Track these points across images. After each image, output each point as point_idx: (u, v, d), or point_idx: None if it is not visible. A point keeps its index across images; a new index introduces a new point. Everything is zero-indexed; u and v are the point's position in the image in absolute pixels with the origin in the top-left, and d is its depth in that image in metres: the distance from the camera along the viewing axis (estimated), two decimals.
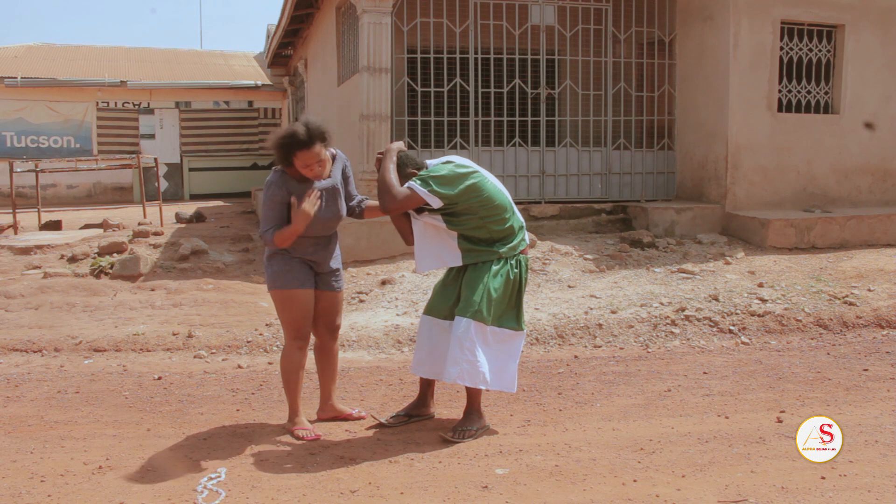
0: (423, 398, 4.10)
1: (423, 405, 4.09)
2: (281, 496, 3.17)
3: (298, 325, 3.88)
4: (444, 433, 3.79)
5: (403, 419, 4.02)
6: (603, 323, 5.81)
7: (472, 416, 3.86)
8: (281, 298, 3.87)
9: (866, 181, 9.01)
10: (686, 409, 4.25)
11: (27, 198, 14.39)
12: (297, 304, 3.85)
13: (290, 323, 3.89)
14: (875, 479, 3.29)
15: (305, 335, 3.91)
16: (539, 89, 8.80)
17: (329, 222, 3.86)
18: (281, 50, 15.71)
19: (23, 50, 19.50)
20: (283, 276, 3.82)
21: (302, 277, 3.84)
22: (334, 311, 4.03)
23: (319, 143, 3.67)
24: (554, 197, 8.87)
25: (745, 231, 8.13)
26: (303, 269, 3.85)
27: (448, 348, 3.79)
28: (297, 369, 3.90)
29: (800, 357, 5.28)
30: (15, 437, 3.87)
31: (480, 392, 3.89)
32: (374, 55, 7.92)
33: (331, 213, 3.84)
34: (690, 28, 8.98)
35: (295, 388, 3.92)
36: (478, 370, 3.72)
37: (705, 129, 8.80)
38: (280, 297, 3.87)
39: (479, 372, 3.72)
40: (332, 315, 4.02)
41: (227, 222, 10.64)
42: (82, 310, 6.40)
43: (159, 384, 4.81)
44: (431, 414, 4.11)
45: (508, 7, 8.60)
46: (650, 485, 3.25)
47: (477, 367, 3.71)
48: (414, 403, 4.10)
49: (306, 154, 3.64)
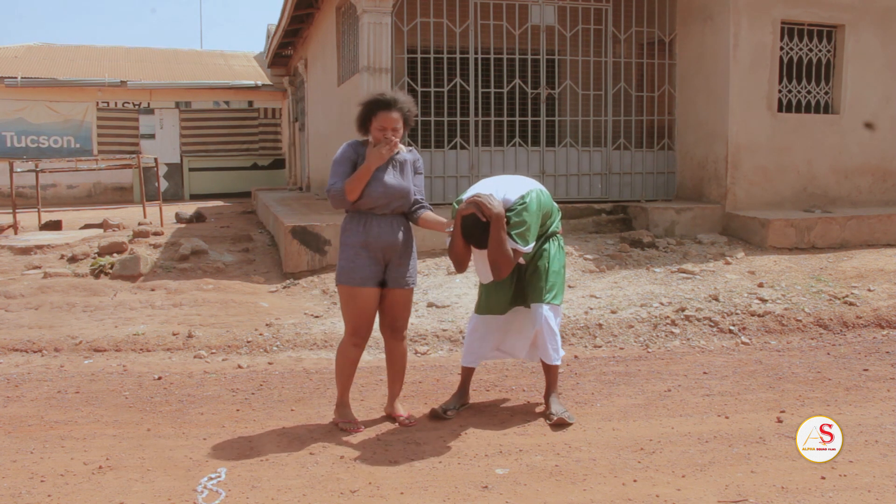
0: (465, 388, 4.30)
1: (467, 394, 4.30)
2: (281, 496, 3.17)
3: (356, 323, 3.87)
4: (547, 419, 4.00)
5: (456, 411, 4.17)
6: (603, 323, 5.81)
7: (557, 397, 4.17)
8: (343, 294, 3.88)
9: (866, 181, 9.01)
10: (686, 409, 4.25)
11: (27, 198, 14.40)
12: (359, 301, 3.83)
13: (348, 319, 3.89)
14: (875, 479, 3.28)
15: (362, 333, 3.90)
16: (539, 89, 8.81)
17: (392, 193, 3.80)
18: (281, 50, 15.72)
19: (23, 50, 19.51)
20: (348, 272, 3.81)
21: (366, 275, 3.81)
22: (398, 309, 3.96)
23: (398, 112, 3.77)
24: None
25: (745, 231, 8.13)
26: (369, 267, 3.81)
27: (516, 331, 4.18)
28: (348, 364, 3.96)
29: (800, 357, 5.27)
30: (15, 437, 3.87)
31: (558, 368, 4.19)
32: (374, 55, 7.91)
33: (397, 182, 3.82)
34: (690, 28, 8.98)
35: (342, 382, 3.98)
36: (559, 350, 4.10)
37: (705, 129, 8.80)
38: (342, 293, 3.89)
39: (560, 352, 4.11)
40: (395, 313, 3.96)
41: (228, 222, 10.65)
42: (82, 310, 6.40)
43: (159, 384, 4.81)
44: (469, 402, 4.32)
45: (508, 7, 8.60)
46: (650, 485, 3.25)
47: (559, 347, 4.10)
48: (459, 393, 4.27)
49: (385, 116, 3.74)
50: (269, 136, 18.40)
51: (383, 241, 3.82)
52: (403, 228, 3.91)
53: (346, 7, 9.60)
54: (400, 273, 3.90)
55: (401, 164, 3.90)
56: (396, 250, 3.86)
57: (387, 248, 3.83)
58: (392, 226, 3.85)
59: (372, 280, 3.83)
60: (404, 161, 3.93)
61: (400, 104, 3.79)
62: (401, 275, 3.91)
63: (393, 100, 3.78)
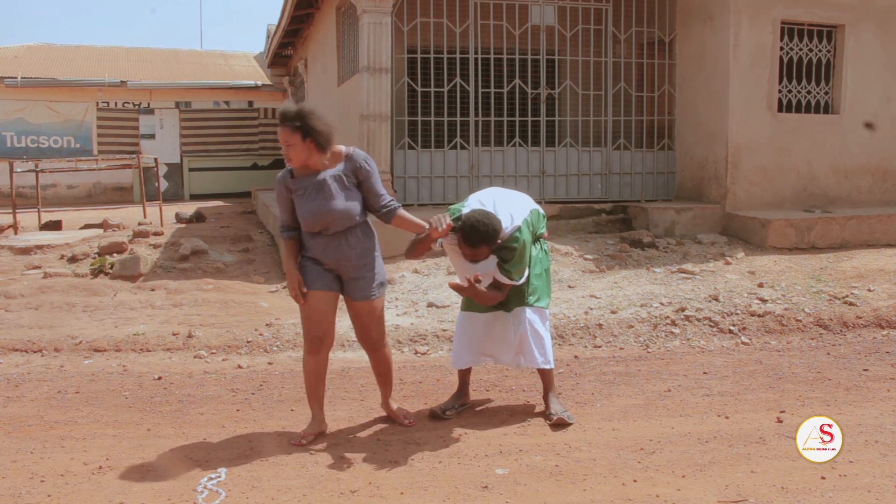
0: (464, 388, 4.29)
1: (467, 394, 4.29)
2: (281, 496, 3.17)
3: (307, 328, 3.74)
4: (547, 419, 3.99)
5: (456, 412, 4.15)
6: (603, 323, 5.81)
7: (554, 398, 4.12)
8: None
9: (866, 181, 9.01)
10: (686, 409, 4.25)
11: (27, 198, 14.40)
12: (308, 305, 3.70)
13: (303, 327, 3.78)
14: (875, 479, 3.29)
15: (314, 339, 3.72)
16: (539, 89, 8.80)
17: (322, 218, 3.62)
18: (281, 50, 15.72)
19: (23, 50, 19.50)
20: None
21: (313, 277, 3.69)
22: (364, 320, 3.81)
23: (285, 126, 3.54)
24: (554, 197, 8.87)
25: (745, 231, 8.13)
26: (314, 270, 3.70)
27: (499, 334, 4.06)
28: (309, 374, 3.78)
29: (800, 357, 5.27)
30: (15, 437, 3.87)
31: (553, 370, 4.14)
32: (374, 55, 7.91)
33: (314, 207, 3.61)
34: (690, 28, 8.98)
35: (309, 392, 3.83)
36: (548, 353, 4.03)
37: (705, 130, 8.80)
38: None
39: (545, 354, 4.02)
40: (361, 325, 3.83)
41: (228, 222, 10.65)
42: (82, 310, 6.40)
43: (159, 384, 4.81)
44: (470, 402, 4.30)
45: (508, 7, 8.60)
46: (650, 485, 3.25)
47: (547, 350, 4.03)
48: (458, 393, 4.26)
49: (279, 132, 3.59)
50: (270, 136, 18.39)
51: (331, 259, 3.70)
52: (355, 243, 3.71)
53: (346, 7, 9.60)
54: (358, 286, 3.75)
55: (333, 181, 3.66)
56: (348, 266, 3.72)
57: (336, 263, 3.71)
58: (341, 244, 3.68)
59: (320, 283, 3.69)
60: (336, 176, 3.68)
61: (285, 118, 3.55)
62: (359, 287, 3.75)
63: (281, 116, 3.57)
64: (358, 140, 8.12)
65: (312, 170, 3.68)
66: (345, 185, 3.69)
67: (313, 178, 3.67)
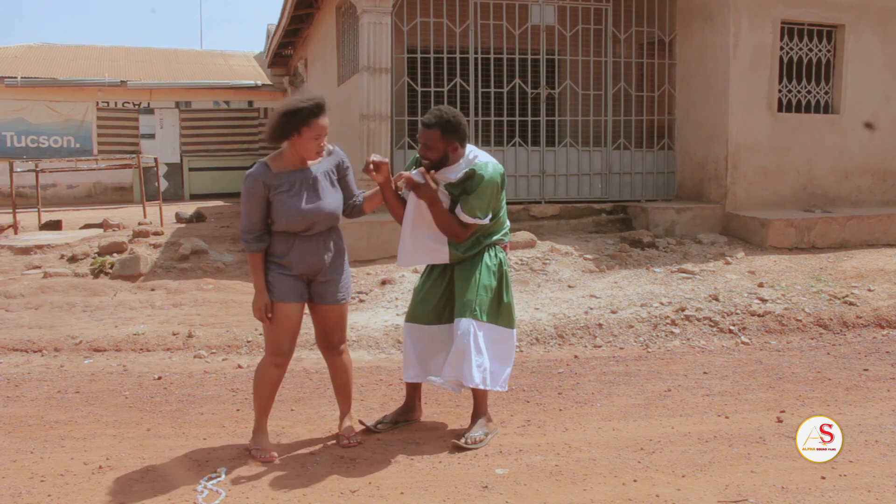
0: (410, 403, 4.04)
1: (412, 410, 4.03)
2: (281, 496, 3.17)
3: (277, 340, 3.56)
4: (456, 440, 3.68)
5: (389, 426, 3.93)
6: (603, 323, 5.81)
7: (480, 421, 3.80)
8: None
9: (866, 181, 9.01)
10: (686, 409, 4.25)
11: (27, 198, 14.39)
12: (279, 317, 3.52)
13: (267, 336, 3.59)
14: (875, 479, 3.29)
15: (283, 351, 3.58)
16: (539, 89, 8.80)
17: (312, 217, 3.49)
18: (281, 50, 15.72)
19: (23, 50, 19.50)
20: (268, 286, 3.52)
21: (286, 289, 3.51)
22: (330, 324, 3.68)
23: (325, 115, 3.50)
24: (554, 197, 8.87)
25: (745, 231, 8.13)
26: (290, 281, 3.53)
27: (444, 351, 3.77)
28: (267, 386, 3.62)
29: (800, 357, 5.27)
30: (15, 437, 3.87)
31: (487, 394, 3.83)
32: (374, 55, 7.91)
33: (308, 205, 3.48)
34: (690, 28, 8.98)
35: (260, 404, 3.64)
36: (483, 372, 3.65)
37: (705, 129, 8.80)
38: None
39: (484, 373, 3.65)
40: (326, 329, 3.69)
41: (227, 222, 10.64)
42: (82, 310, 6.40)
43: (159, 384, 4.81)
44: (419, 418, 4.06)
45: (508, 7, 8.60)
46: (650, 485, 3.25)
47: (482, 368, 3.65)
48: (401, 409, 4.03)
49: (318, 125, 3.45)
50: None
51: (305, 264, 3.54)
52: (332, 245, 3.62)
53: (346, 7, 9.59)
54: (327, 289, 3.62)
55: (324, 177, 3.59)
56: (323, 269, 3.59)
57: (309, 269, 3.56)
58: (318, 247, 3.56)
59: (293, 295, 3.53)
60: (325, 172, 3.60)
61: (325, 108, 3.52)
62: (328, 291, 3.62)
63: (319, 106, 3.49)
64: (358, 140, 8.12)
65: (298, 164, 3.56)
66: (332, 183, 3.63)
67: (301, 174, 3.53)
